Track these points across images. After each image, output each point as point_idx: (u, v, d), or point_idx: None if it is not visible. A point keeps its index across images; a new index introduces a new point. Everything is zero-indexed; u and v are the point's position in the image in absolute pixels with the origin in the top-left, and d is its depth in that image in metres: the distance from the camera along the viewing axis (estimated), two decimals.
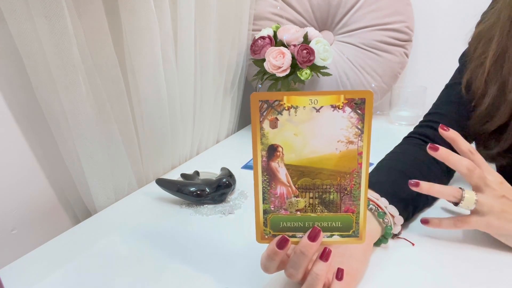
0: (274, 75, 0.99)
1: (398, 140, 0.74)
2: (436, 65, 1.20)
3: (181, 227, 0.65)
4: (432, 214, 0.65)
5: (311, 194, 0.42)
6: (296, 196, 0.42)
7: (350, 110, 0.39)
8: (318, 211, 0.42)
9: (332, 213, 0.42)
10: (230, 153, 1.02)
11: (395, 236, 0.58)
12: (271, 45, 1.00)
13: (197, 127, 0.96)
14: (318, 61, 1.00)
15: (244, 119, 1.26)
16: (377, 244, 0.56)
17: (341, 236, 0.43)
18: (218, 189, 0.71)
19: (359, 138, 0.40)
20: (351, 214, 0.42)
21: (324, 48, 1.00)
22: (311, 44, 0.99)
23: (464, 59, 0.70)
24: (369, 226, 0.53)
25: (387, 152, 0.70)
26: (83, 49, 0.63)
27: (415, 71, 1.26)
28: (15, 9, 0.56)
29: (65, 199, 0.74)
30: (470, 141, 0.70)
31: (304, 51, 0.97)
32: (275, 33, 1.03)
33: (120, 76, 0.70)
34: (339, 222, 0.43)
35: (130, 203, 0.75)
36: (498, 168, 0.70)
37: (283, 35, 1.01)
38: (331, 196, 0.42)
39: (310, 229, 0.42)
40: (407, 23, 1.15)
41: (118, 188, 0.76)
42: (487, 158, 0.66)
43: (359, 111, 0.39)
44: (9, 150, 0.64)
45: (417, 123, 0.75)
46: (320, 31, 1.14)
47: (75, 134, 0.65)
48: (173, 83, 0.82)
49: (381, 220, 0.54)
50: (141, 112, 0.77)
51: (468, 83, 0.66)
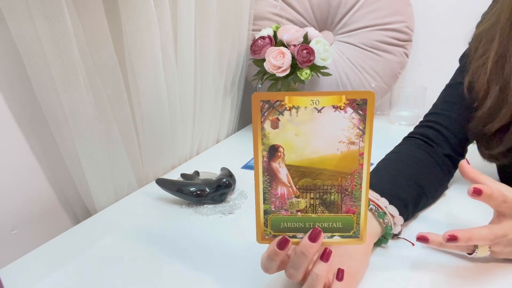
0: (274, 75, 0.99)
1: (398, 140, 0.74)
2: (436, 65, 1.20)
3: (181, 227, 0.65)
4: (432, 214, 0.65)
5: (312, 195, 0.42)
6: (297, 197, 0.42)
7: (352, 110, 0.39)
8: (319, 211, 0.42)
9: (333, 214, 0.42)
10: (230, 153, 1.02)
11: (395, 236, 0.58)
12: (271, 45, 1.00)
13: (197, 127, 0.96)
14: (318, 61, 1.00)
15: (244, 119, 1.26)
16: (377, 244, 0.56)
17: (342, 236, 0.43)
18: (218, 189, 0.71)
19: (361, 139, 0.39)
20: (351, 215, 0.42)
21: (324, 48, 1.00)
22: (311, 44, 0.99)
23: (464, 59, 0.70)
24: (369, 226, 0.53)
25: (387, 152, 0.71)
26: (83, 49, 0.63)
27: (415, 71, 1.26)
28: (15, 9, 0.55)
29: (65, 199, 0.74)
30: (471, 141, 0.70)
31: (304, 51, 0.97)
32: (275, 33, 1.03)
33: (120, 76, 0.70)
34: (340, 223, 0.43)
35: (130, 203, 0.75)
36: (499, 167, 0.70)
37: (283, 35, 1.01)
38: (332, 197, 0.42)
39: (311, 230, 0.42)
40: (407, 23, 1.15)
41: (118, 188, 0.76)
42: (488, 158, 0.66)
43: (360, 112, 0.39)
44: (9, 150, 0.64)
45: (417, 123, 0.75)
46: (320, 31, 1.14)
47: (75, 134, 0.65)
48: (173, 83, 0.82)
49: (381, 220, 0.55)
50: (141, 112, 0.77)
51: (470, 84, 0.66)
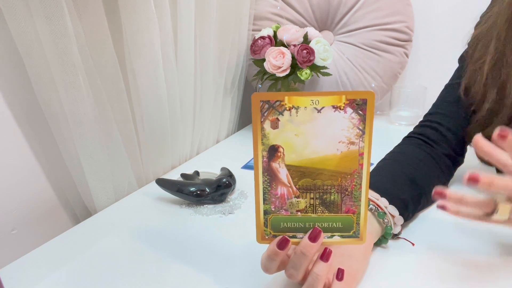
0: (274, 75, 0.99)
1: (398, 140, 0.74)
2: (436, 65, 1.20)
3: (181, 227, 0.65)
4: (432, 214, 0.65)
5: (311, 195, 0.42)
6: (297, 197, 0.42)
7: (352, 110, 0.39)
8: (319, 211, 0.42)
9: (332, 214, 0.42)
10: (230, 153, 1.02)
11: (395, 236, 0.58)
12: (271, 45, 1.00)
13: (197, 127, 0.96)
14: (318, 61, 1.00)
15: (244, 119, 1.26)
16: (377, 244, 0.56)
17: (342, 236, 0.43)
18: (218, 189, 0.71)
19: (360, 139, 0.40)
20: (351, 214, 0.42)
21: (324, 48, 1.00)
22: (311, 44, 0.99)
23: (463, 60, 0.70)
24: (369, 226, 0.53)
25: (387, 152, 0.71)
26: (83, 49, 0.63)
27: (415, 71, 1.26)
28: (15, 9, 0.55)
29: (65, 199, 0.74)
30: (469, 143, 0.70)
31: (304, 51, 0.97)
32: (275, 33, 1.03)
33: (120, 76, 0.70)
34: (340, 223, 0.43)
35: (130, 203, 0.75)
36: (498, 171, 0.70)
37: (283, 35, 1.01)
38: (332, 197, 0.42)
39: (311, 230, 0.42)
40: (407, 23, 1.15)
41: (118, 188, 0.76)
42: (486, 162, 0.66)
43: (360, 112, 0.39)
44: (9, 150, 0.64)
45: (417, 123, 0.75)
46: (320, 31, 1.14)
47: (75, 134, 0.65)
48: (173, 83, 0.82)
49: (381, 220, 0.55)
50: (141, 112, 0.77)
51: (466, 88, 0.66)
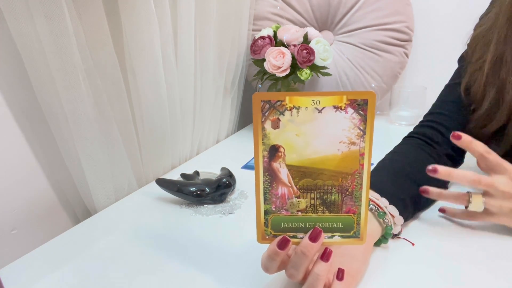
0: (274, 75, 0.99)
1: (398, 140, 0.74)
2: (436, 65, 1.20)
3: (181, 227, 0.65)
4: (432, 214, 0.65)
5: (312, 195, 0.42)
6: (298, 197, 0.42)
7: (353, 111, 0.39)
8: (319, 211, 0.42)
9: (333, 214, 0.42)
10: (230, 153, 1.02)
11: (395, 236, 0.58)
12: (271, 45, 1.00)
13: (197, 127, 0.96)
14: (318, 61, 1.00)
15: (244, 119, 1.26)
16: (377, 244, 0.56)
17: (342, 236, 0.43)
18: (218, 189, 0.71)
19: (361, 139, 0.39)
20: (352, 215, 0.42)
21: (324, 48, 1.00)
22: (311, 44, 0.99)
23: (463, 61, 0.71)
24: (369, 226, 0.52)
25: (387, 152, 0.71)
26: (83, 49, 0.63)
27: (415, 71, 1.26)
28: (15, 9, 0.55)
29: (65, 199, 0.74)
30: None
31: (304, 51, 0.97)
32: (275, 33, 1.03)
33: (120, 76, 0.70)
34: (340, 223, 0.43)
35: (130, 203, 0.75)
36: None
37: (283, 35, 1.01)
38: (333, 197, 0.42)
39: (311, 230, 0.42)
40: (407, 23, 1.15)
41: (118, 188, 0.76)
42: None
43: (361, 112, 0.39)
44: (9, 150, 0.64)
45: (417, 123, 0.75)
46: (320, 31, 1.14)
47: (75, 134, 0.65)
48: (173, 83, 0.82)
49: (381, 220, 0.55)
50: (141, 112, 0.77)
51: (467, 87, 0.67)
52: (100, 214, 0.71)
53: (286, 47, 0.99)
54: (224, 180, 0.72)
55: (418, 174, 0.63)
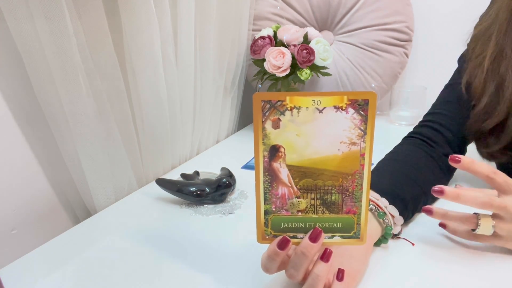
0: (274, 75, 0.99)
1: (398, 140, 0.74)
2: (436, 65, 1.20)
3: (181, 227, 0.65)
4: None
5: (312, 195, 0.42)
6: (298, 197, 0.42)
7: (353, 111, 0.39)
8: (320, 212, 0.42)
9: (333, 214, 0.42)
10: (230, 153, 1.02)
11: (395, 236, 0.58)
12: (271, 45, 1.00)
13: (197, 127, 0.96)
14: (318, 61, 1.00)
15: (244, 119, 1.26)
16: (377, 244, 0.56)
17: (342, 237, 0.43)
18: (218, 189, 0.71)
19: (362, 140, 0.39)
20: (352, 215, 0.42)
21: (324, 48, 1.00)
22: (311, 44, 0.99)
23: (463, 60, 0.71)
24: (369, 226, 0.52)
25: (387, 152, 0.71)
26: (83, 49, 0.63)
27: (415, 71, 1.26)
28: (15, 9, 0.55)
29: (65, 199, 0.74)
30: (470, 141, 0.70)
31: (304, 51, 0.97)
32: (275, 33, 1.03)
33: (120, 76, 0.70)
34: (341, 223, 0.43)
35: (130, 203, 0.75)
36: (498, 166, 0.70)
37: (283, 35, 1.01)
38: (333, 197, 0.42)
39: (311, 230, 0.42)
40: (407, 23, 1.15)
41: (118, 188, 0.76)
42: (487, 157, 0.66)
43: (362, 112, 0.39)
44: (9, 150, 0.64)
45: (417, 123, 0.75)
46: (320, 31, 1.14)
47: (75, 134, 0.65)
48: (173, 83, 0.82)
49: (381, 220, 0.55)
50: (141, 112, 0.77)
51: (467, 83, 0.67)
52: (100, 214, 0.71)
53: (286, 47, 0.99)
54: (224, 180, 0.72)
55: (417, 174, 0.64)
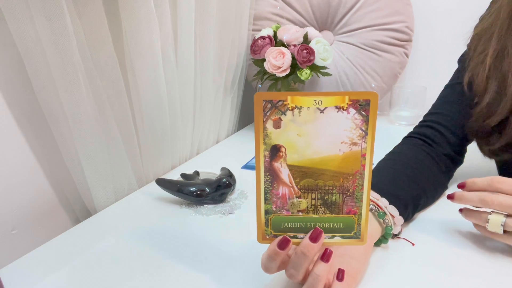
0: (274, 75, 0.99)
1: (398, 140, 0.74)
2: (436, 65, 1.20)
3: (181, 227, 0.64)
4: (432, 214, 0.65)
5: (313, 195, 0.42)
6: (298, 197, 0.42)
7: (355, 111, 0.39)
8: (320, 212, 0.42)
9: (334, 215, 0.42)
10: (230, 153, 1.02)
11: (395, 236, 0.58)
12: (271, 45, 1.00)
13: (197, 127, 0.96)
14: (318, 61, 1.00)
15: (244, 119, 1.26)
16: (377, 244, 0.56)
17: (343, 237, 0.43)
18: (218, 189, 0.71)
19: (363, 140, 0.39)
20: (353, 215, 0.42)
21: (324, 48, 1.00)
22: (311, 44, 0.99)
23: (463, 60, 0.71)
24: (369, 227, 0.52)
25: (387, 152, 0.71)
26: (83, 49, 0.63)
27: (415, 71, 1.26)
28: (15, 9, 0.55)
29: (65, 199, 0.74)
30: (471, 140, 0.70)
31: (304, 51, 0.97)
32: (275, 33, 1.03)
33: (120, 76, 0.70)
34: (341, 224, 0.43)
35: (130, 203, 0.75)
36: (500, 165, 0.70)
37: (283, 35, 1.01)
38: (334, 197, 0.42)
39: (312, 230, 0.42)
40: (407, 23, 1.15)
41: (118, 188, 0.76)
42: (489, 154, 0.66)
43: (363, 113, 0.39)
44: (9, 150, 0.64)
45: (417, 123, 0.75)
46: (320, 31, 1.14)
47: (75, 134, 0.65)
48: (173, 83, 0.82)
49: (381, 220, 0.55)
50: (141, 112, 0.77)
51: (469, 81, 0.66)
52: (100, 214, 0.71)
53: (286, 47, 0.99)
54: (224, 180, 0.72)
55: (418, 174, 0.64)
